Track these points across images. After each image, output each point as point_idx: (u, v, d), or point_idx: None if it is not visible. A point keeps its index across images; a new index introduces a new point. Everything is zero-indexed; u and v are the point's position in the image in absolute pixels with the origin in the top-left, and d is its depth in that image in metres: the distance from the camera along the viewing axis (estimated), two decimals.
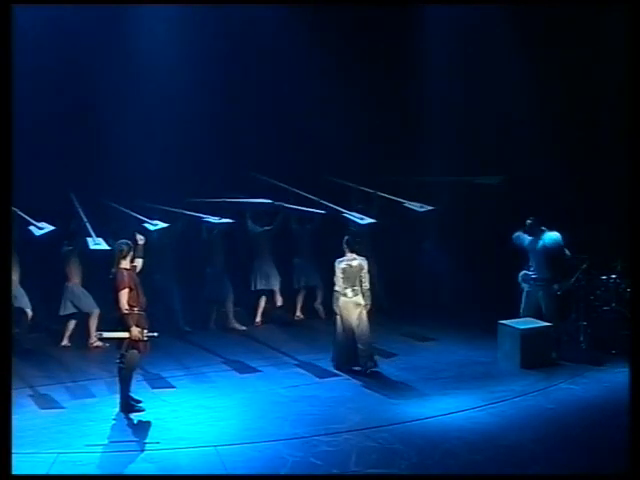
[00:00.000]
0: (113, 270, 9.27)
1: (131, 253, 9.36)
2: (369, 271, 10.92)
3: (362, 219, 12.36)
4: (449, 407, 9.33)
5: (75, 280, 12.16)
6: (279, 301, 13.44)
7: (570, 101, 13.77)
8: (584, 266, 11.43)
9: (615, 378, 10.05)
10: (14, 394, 9.45)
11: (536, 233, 11.30)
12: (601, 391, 9.82)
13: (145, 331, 9.16)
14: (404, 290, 13.58)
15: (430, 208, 12.79)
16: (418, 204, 12.83)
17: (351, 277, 10.75)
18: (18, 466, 7.72)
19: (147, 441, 8.58)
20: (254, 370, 10.81)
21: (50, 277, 12.31)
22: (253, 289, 13.41)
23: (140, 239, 9.71)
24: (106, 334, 9.42)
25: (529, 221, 11.35)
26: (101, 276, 11.46)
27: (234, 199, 12.84)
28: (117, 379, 9.32)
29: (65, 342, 12.21)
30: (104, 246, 10.92)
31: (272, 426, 8.84)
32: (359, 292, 10.76)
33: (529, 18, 13.90)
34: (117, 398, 9.28)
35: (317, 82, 14.29)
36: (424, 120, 14.76)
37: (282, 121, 14.45)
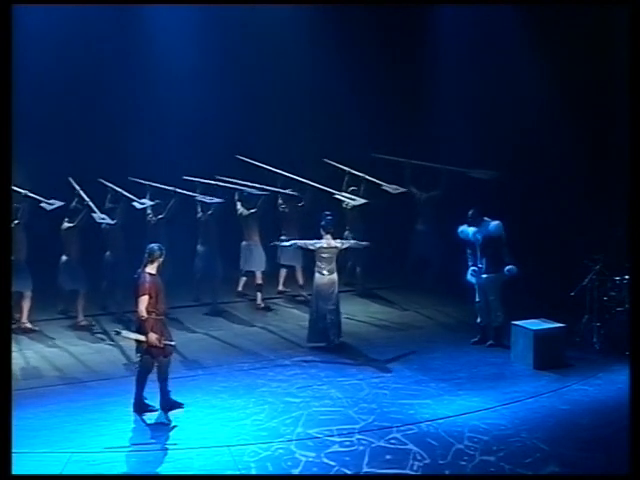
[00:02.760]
0: (139, 271, 9.29)
1: (160, 260, 9.31)
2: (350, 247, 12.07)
3: (353, 199, 13.27)
4: (462, 408, 9.33)
5: (73, 256, 12.41)
6: (259, 279, 13.61)
7: (583, 99, 13.74)
8: (597, 267, 11.38)
9: (628, 379, 10.00)
10: (28, 393, 9.56)
11: (478, 223, 11.39)
12: (614, 392, 9.75)
13: (162, 338, 9.16)
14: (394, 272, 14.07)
15: (402, 190, 13.60)
16: (393, 186, 13.59)
17: (327, 258, 11.47)
18: (32, 465, 7.81)
19: (160, 441, 8.62)
20: (267, 370, 10.78)
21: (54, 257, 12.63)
22: (241, 269, 13.72)
23: None
24: (124, 333, 9.44)
25: (471, 211, 11.45)
26: (98, 253, 12.67)
27: (228, 183, 13.23)
28: (133, 378, 9.35)
29: (80, 318, 12.43)
30: (109, 220, 12.33)
31: (285, 426, 8.85)
32: (334, 271, 11.54)
33: (541, 16, 13.91)
34: (131, 398, 9.30)
35: (326, 71, 14.69)
36: (433, 111, 15.04)
37: (286, 105, 15.01)
